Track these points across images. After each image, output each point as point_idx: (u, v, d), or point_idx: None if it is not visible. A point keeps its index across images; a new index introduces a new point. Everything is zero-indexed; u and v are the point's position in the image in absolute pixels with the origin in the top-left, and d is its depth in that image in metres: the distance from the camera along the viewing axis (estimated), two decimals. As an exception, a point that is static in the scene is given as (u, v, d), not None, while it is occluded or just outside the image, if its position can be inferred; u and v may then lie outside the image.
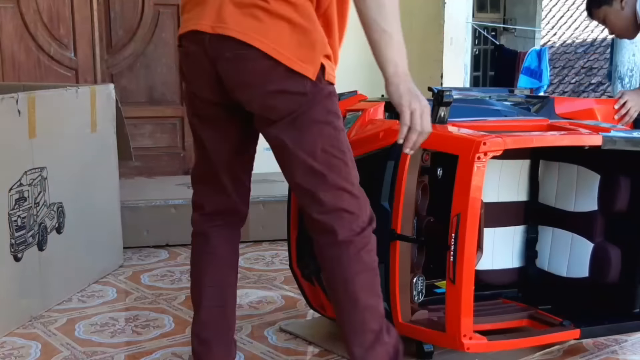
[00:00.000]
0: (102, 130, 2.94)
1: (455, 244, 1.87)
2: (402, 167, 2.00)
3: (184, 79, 1.87)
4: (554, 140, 2.13)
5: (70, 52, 4.15)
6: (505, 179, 2.43)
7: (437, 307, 2.13)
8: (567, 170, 2.39)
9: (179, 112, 4.55)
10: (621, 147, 2.08)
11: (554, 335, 2.17)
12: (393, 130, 2.05)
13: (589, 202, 2.33)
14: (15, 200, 2.40)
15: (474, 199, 1.86)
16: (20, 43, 3.99)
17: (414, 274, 2.08)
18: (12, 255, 2.39)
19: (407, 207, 2.02)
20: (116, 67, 4.34)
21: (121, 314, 2.57)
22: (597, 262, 2.30)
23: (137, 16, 4.36)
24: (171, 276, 3.02)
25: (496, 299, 2.44)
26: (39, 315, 2.53)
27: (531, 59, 6.12)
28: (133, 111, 4.26)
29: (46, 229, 2.57)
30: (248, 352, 2.23)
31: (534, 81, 6.14)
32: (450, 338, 1.94)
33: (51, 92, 2.68)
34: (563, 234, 2.41)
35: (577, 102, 2.65)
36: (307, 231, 2.21)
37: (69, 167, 2.73)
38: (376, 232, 2.02)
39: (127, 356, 2.20)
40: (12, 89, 2.58)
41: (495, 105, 2.43)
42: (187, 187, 3.80)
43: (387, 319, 2.05)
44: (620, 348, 2.31)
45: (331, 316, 2.30)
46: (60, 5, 4.09)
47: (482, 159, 1.85)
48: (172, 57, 4.48)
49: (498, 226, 2.44)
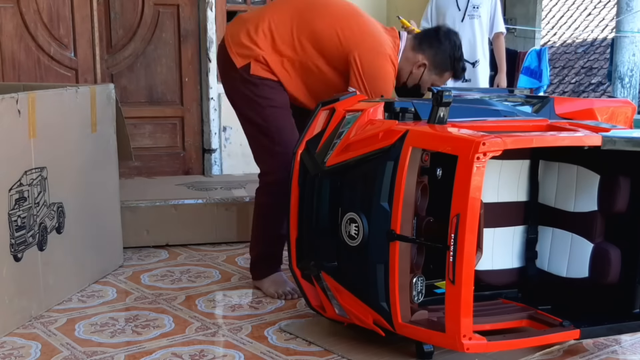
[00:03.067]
0: (102, 130, 2.94)
1: (454, 244, 1.87)
2: (401, 168, 2.00)
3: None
4: (554, 140, 2.13)
5: (70, 52, 4.16)
6: (505, 179, 2.43)
7: (436, 308, 2.13)
8: (566, 170, 2.39)
9: (179, 112, 4.56)
10: (621, 147, 2.08)
11: (554, 336, 2.17)
12: (393, 130, 2.05)
13: (588, 203, 2.33)
14: (15, 200, 2.40)
15: (473, 199, 1.86)
16: (20, 43, 4.00)
17: (414, 274, 2.08)
18: (12, 255, 2.39)
19: (407, 208, 2.02)
20: (116, 67, 4.34)
21: (121, 314, 2.57)
22: (597, 262, 2.30)
23: (137, 16, 4.36)
24: (171, 276, 3.02)
25: (496, 299, 2.44)
26: (39, 315, 2.53)
27: (531, 59, 6.10)
28: (133, 111, 4.27)
29: (46, 229, 2.58)
30: (248, 352, 2.23)
31: (534, 81, 6.12)
32: (450, 338, 1.94)
33: (51, 92, 2.68)
34: (563, 234, 2.41)
35: (577, 102, 2.65)
36: (307, 231, 2.22)
37: (69, 167, 2.73)
38: (376, 233, 2.03)
39: (127, 356, 2.20)
40: (12, 89, 2.58)
41: (495, 105, 2.43)
42: (186, 187, 3.82)
43: (387, 319, 2.06)
44: (620, 348, 2.31)
45: (331, 317, 2.31)
46: (60, 5, 4.09)
47: (482, 159, 1.85)
48: (172, 57, 4.49)
49: (498, 226, 2.44)
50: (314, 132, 2.30)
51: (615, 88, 5.79)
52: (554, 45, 11.75)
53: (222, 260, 3.26)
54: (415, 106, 2.22)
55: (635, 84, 5.74)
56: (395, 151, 2.01)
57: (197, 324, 2.46)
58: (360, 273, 2.09)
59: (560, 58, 11.41)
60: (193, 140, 4.63)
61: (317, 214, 2.21)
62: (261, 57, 2.65)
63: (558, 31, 11.81)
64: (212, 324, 2.48)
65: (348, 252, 2.13)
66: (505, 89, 2.73)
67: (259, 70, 2.66)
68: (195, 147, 4.64)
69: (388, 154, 2.02)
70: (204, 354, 2.21)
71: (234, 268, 3.14)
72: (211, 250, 3.44)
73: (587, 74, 10.81)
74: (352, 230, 2.09)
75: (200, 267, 3.16)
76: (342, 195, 2.17)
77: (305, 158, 2.28)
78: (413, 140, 2.00)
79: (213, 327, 2.45)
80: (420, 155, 2.04)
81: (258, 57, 2.65)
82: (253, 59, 2.65)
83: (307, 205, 2.25)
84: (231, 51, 2.68)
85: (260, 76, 2.66)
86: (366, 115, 2.17)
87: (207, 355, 2.20)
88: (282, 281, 2.76)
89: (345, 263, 2.16)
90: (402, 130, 2.03)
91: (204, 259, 3.29)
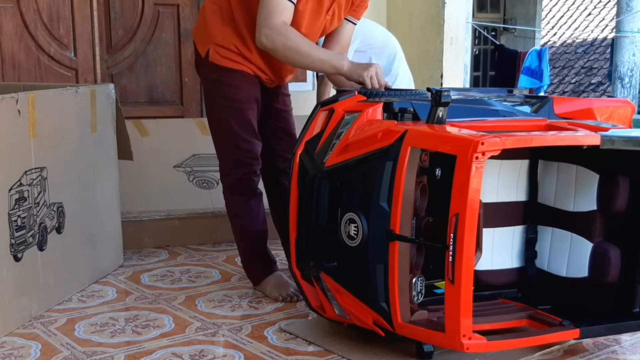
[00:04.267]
0: (102, 130, 2.94)
1: (454, 244, 1.87)
2: (400, 168, 2.00)
3: None
4: (553, 140, 2.13)
5: (70, 52, 4.15)
6: (504, 179, 2.43)
7: (436, 308, 2.13)
8: (566, 170, 2.39)
9: (179, 112, 4.56)
10: (620, 146, 2.08)
11: (554, 335, 2.17)
12: (391, 130, 2.05)
13: (588, 202, 2.34)
14: (15, 200, 2.40)
15: (472, 199, 1.86)
16: (20, 43, 4.00)
17: (413, 275, 2.08)
18: (12, 255, 2.39)
19: (406, 208, 2.02)
20: (116, 67, 4.34)
21: (121, 314, 2.57)
22: (597, 261, 2.31)
23: (137, 16, 4.36)
24: (171, 276, 3.02)
25: (496, 299, 2.44)
26: (39, 315, 2.53)
27: (531, 59, 6.12)
28: (133, 111, 4.27)
29: (46, 229, 2.58)
30: (248, 352, 2.24)
31: (535, 81, 6.13)
32: (450, 338, 1.94)
33: (51, 92, 2.68)
34: (562, 234, 2.41)
35: (576, 102, 2.65)
36: (306, 232, 2.22)
37: (69, 167, 2.73)
38: (375, 233, 2.03)
39: (127, 356, 2.20)
40: (12, 89, 2.58)
41: (494, 105, 2.43)
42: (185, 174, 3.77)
43: (387, 319, 2.06)
44: (620, 348, 2.31)
45: (330, 317, 2.31)
46: (60, 5, 4.09)
47: (480, 159, 1.86)
48: (171, 57, 4.49)
49: (497, 226, 2.44)
50: (313, 133, 2.30)
51: (615, 88, 5.79)
52: (554, 45, 11.76)
53: (222, 260, 3.26)
54: (414, 106, 2.22)
55: (635, 84, 5.75)
56: (394, 151, 2.01)
57: (197, 324, 2.47)
58: (359, 273, 2.10)
59: (560, 58, 11.42)
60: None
61: (316, 214, 2.21)
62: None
63: (558, 31, 11.81)
64: (212, 324, 2.48)
65: (347, 253, 2.13)
66: (504, 89, 2.73)
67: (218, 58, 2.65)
68: (195, 147, 4.64)
69: (387, 154, 2.03)
70: (204, 354, 2.22)
71: (234, 268, 3.14)
72: (211, 250, 3.44)
73: (587, 74, 10.81)
74: (351, 230, 2.09)
75: (200, 267, 3.16)
76: (341, 196, 2.17)
77: (305, 158, 2.28)
78: (412, 140, 2.00)
79: (213, 327, 2.45)
80: (419, 155, 2.04)
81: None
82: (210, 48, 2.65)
83: (306, 206, 2.25)
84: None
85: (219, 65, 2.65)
86: (365, 116, 2.17)
87: (207, 355, 2.20)
88: (284, 283, 2.74)
89: (344, 263, 2.16)
90: (401, 130, 2.03)
91: (204, 259, 3.29)
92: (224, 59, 2.63)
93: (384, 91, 2.38)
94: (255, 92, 2.70)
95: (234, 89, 2.64)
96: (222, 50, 2.63)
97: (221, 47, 2.63)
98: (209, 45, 2.65)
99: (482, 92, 2.78)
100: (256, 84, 2.70)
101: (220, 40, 2.63)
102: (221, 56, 2.63)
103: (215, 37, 2.64)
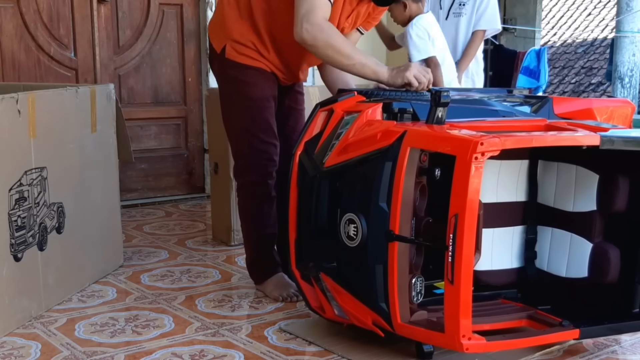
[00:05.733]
0: (102, 130, 2.94)
1: (453, 244, 1.87)
2: (400, 168, 2.00)
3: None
4: (553, 140, 2.13)
5: (70, 52, 4.16)
6: (504, 179, 2.43)
7: (436, 308, 2.13)
8: (565, 170, 2.39)
9: (183, 113, 4.57)
10: (619, 147, 2.08)
11: (554, 336, 2.17)
12: (391, 131, 2.05)
13: (587, 202, 2.34)
14: (15, 200, 2.40)
15: (471, 200, 1.86)
16: (20, 43, 4.00)
17: (413, 275, 2.08)
18: (12, 255, 2.39)
19: (405, 208, 2.02)
20: (124, 67, 4.34)
21: (121, 314, 2.57)
22: (596, 262, 2.31)
23: (143, 15, 4.36)
24: (171, 276, 3.03)
25: (495, 299, 2.44)
26: (39, 315, 2.53)
27: (530, 58, 6.11)
28: (140, 112, 4.28)
29: (46, 229, 2.58)
30: (248, 352, 2.24)
31: (533, 81, 6.13)
32: (449, 338, 1.94)
33: (51, 92, 2.68)
34: (562, 234, 2.41)
35: (575, 102, 2.65)
36: (305, 232, 2.22)
37: (69, 167, 2.73)
38: (375, 233, 2.03)
39: (127, 356, 2.20)
40: (12, 89, 2.58)
41: (493, 105, 2.43)
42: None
43: (386, 319, 2.06)
44: (620, 348, 2.32)
45: (330, 318, 2.31)
46: (60, 5, 4.09)
47: (480, 159, 1.85)
48: (176, 57, 4.50)
49: (497, 227, 2.44)
50: (312, 133, 2.30)
51: (615, 88, 5.79)
52: (554, 45, 11.75)
53: (222, 260, 3.26)
54: (414, 107, 2.22)
55: (635, 84, 5.74)
56: (394, 152, 2.01)
57: (197, 324, 2.47)
58: (359, 274, 2.10)
59: (560, 58, 11.41)
60: (195, 140, 4.63)
61: (316, 214, 2.21)
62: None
63: (558, 31, 11.81)
64: (212, 324, 2.48)
65: (347, 253, 2.13)
66: (504, 89, 2.73)
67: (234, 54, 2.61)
68: (197, 147, 4.65)
69: (386, 155, 2.02)
70: (204, 354, 2.22)
71: (234, 268, 3.14)
72: (211, 250, 3.44)
73: (587, 74, 10.81)
74: (351, 231, 2.09)
75: (200, 267, 3.17)
76: (340, 196, 2.17)
77: (304, 159, 2.28)
78: (411, 141, 2.00)
79: (213, 327, 2.45)
80: (419, 156, 2.04)
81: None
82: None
83: (305, 206, 2.26)
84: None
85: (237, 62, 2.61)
86: (364, 116, 2.17)
87: (207, 355, 2.21)
88: (285, 283, 2.72)
89: (344, 264, 2.16)
90: (401, 130, 2.03)
91: (204, 259, 3.29)
92: (241, 55, 2.58)
93: (384, 91, 2.38)
94: (273, 89, 2.65)
95: (252, 87, 2.58)
96: (239, 47, 2.57)
97: (238, 43, 2.57)
98: (225, 41, 2.59)
99: (481, 92, 2.78)
100: (273, 82, 2.65)
101: (237, 36, 2.57)
102: (238, 52, 2.58)
103: (232, 32, 2.57)
